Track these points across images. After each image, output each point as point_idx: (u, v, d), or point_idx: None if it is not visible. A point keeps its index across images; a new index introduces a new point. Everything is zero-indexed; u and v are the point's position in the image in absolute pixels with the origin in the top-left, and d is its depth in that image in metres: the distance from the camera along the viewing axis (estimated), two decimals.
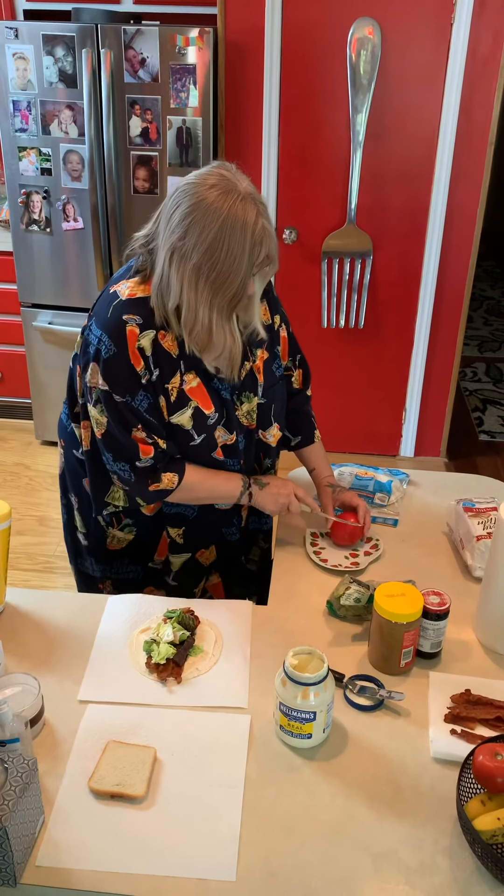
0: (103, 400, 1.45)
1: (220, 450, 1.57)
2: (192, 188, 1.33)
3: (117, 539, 1.68)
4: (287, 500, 1.63)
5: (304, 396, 1.80)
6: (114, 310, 1.43)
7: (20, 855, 1.04)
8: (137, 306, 1.42)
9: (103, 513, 1.64)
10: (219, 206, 1.30)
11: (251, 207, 1.32)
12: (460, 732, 1.24)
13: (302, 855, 1.08)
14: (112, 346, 1.42)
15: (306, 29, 2.94)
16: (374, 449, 3.68)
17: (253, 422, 1.62)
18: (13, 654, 1.39)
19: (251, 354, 1.57)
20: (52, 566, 2.96)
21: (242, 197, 1.32)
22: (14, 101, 3.05)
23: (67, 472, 1.71)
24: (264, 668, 1.37)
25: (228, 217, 1.30)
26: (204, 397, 1.51)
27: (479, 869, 1.06)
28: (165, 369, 1.46)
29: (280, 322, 1.67)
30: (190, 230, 1.32)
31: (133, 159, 3.08)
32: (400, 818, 1.13)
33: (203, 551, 1.71)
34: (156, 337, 1.43)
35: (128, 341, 1.41)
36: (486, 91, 2.95)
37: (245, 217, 1.31)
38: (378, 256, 3.25)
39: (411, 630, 1.33)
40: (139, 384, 1.44)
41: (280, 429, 1.69)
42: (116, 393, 1.44)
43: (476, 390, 4.43)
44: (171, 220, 1.34)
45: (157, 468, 1.52)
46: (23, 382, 3.71)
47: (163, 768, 1.18)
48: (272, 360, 1.63)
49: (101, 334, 1.43)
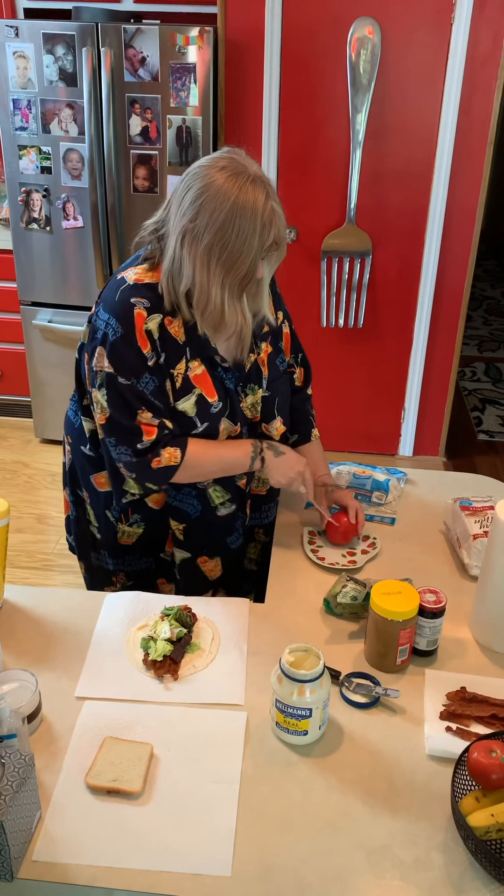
0: (107, 383, 1.46)
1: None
2: (202, 171, 1.35)
3: (127, 534, 1.68)
4: (297, 475, 1.61)
5: (304, 395, 1.81)
6: (121, 293, 1.44)
7: (17, 850, 1.04)
8: (145, 290, 1.44)
9: (122, 501, 1.62)
10: (229, 187, 1.33)
11: (261, 189, 1.35)
12: (455, 730, 1.25)
13: (297, 850, 1.08)
14: (119, 329, 1.43)
15: (306, 28, 2.94)
16: (373, 448, 3.69)
17: (257, 414, 1.62)
18: (11, 650, 1.40)
19: (256, 347, 1.59)
20: (51, 564, 2.97)
21: (252, 179, 1.34)
22: (14, 99, 3.06)
23: (76, 467, 1.71)
24: (261, 666, 1.38)
25: (239, 198, 1.32)
26: (208, 385, 1.52)
27: (473, 865, 1.07)
28: (172, 355, 1.47)
29: (283, 318, 1.69)
30: (201, 212, 1.34)
31: (133, 158, 3.09)
32: (395, 814, 1.13)
33: (206, 559, 1.71)
34: (162, 322, 1.45)
35: (135, 323, 1.43)
36: (486, 90, 2.95)
37: (255, 198, 1.33)
38: (377, 256, 3.26)
39: (407, 628, 1.33)
40: (145, 366, 1.45)
41: (283, 423, 1.69)
42: (121, 375, 1.45)
43: (475, 390, 4.44)
44: (182, 203, 1.37)
45: (159, 444, 1.50)
46: (22, 380, 3.72)
47: (159, 764, 1.19)
48: (276, 354, 1.65)
49: (108, 318, 1.45)
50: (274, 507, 1.81)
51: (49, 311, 3.44)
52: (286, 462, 1.61)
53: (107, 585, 1.78)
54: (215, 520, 1.67)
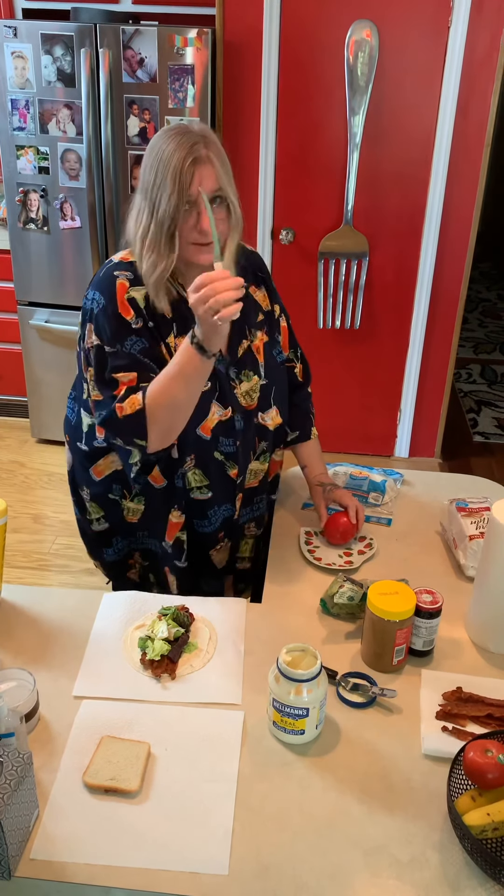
0: (94, 356, 1.49)
1: (208, 425, 1.55)
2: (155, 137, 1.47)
3: (131, 511, 1.68)
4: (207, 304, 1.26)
5: (305, 393, 1.82)
6: (106, 270, 1.51)
7: (15, 848, 1.05)
8: (129, 266, 1.50)
9: (132, 475, 1.57)
10: (161, 139, 1.43)
11: (188, 138, 1.40)
12: (451, 729, 1.26)
13: (294, 849, 1.09)
14: (102, 300, 1.48)
15: (304, 30, 2.95)
16: (369, 449, 3.70)
17: (253, 402, 1.62)
18: (8, 649, 1.40)
19: (249, 333, 1.60)
20: (47, 564, 2.97)
21: (188, 130, 1.42)
22: (12, 99, 3.06)
23: (76, 467, 1.72)
24: (258, 665, 1.38)
25: (167, 143, 1.40)
26: None
27: (469, 863, 1.07)
28: (162, 326, 1.50)
29: (280, 312, 1.71)
30: (143, 167, 1.45)
31: (131, 159, 3.09)
32: (391, 813, 1.14)
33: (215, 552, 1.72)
34: (147, 295, 1.48)
35: (116, 292, 1.47)
36: (483, 93, 2.96)
37: (179, 144, 1.39)
38: (374, 257, 3.27)
39: (404, 628, 1.34)
40: (129, 330, 1.47)
41: (279, 414, 1.69)
42: (107, 345, 1.47)
43: (471, 391, 4.45)
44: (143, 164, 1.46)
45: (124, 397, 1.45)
46: (19, 380, 3.72)
47: (157, 763, 1.20)
48: (272, 344, 1.66)
49: (93, 293, 1.50)
50: (265, 500, 1.78)
51: (46, 312, 3.44)
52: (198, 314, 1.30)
53: (128, 570, 1.78)
54: (191, 502, 1.63)
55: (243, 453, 1.64)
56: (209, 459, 1.60)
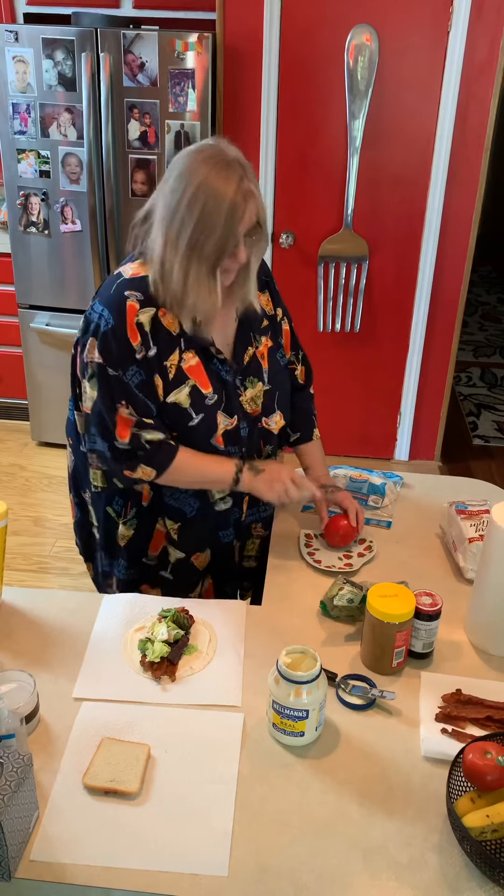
0: (97, 373, 1.48)
1: (220, 436, 1.58)
2: (183, 157, 1.41)
3: (121, 535, 1.69)
4: (283, 486, 1.59)
5: (306, 394, 1.82)
6: (116, 287, 1.47)
7: (14, 849, 1.05)
8: (139, 284, 1.47)
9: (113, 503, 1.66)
10: (203, 168, 1.37)
11: (235, 170, 1.38)
12: (451, 731, 1.26)
13: (293, 851, 1.09)
14: (111, 319, 1.46)
15: (304, 35, 2.96)
16: (369, 452, 3.70)
17: (258, 408, 1.63)
18: (9, 651, 1.41)
19: (255, 340, 1.60)
20: (47, 567, 2.97)
21: (227, 161, 1.38)
22: (13, 103, 3.07)
23: (79, 468, 1.72)
24: (258, 667, 1.38)
25: (209, 176, 1.36)
26: (202, 377, 1.53)
27: (468, 865, 1.08)
28: (164, 347, 1.49)
29: (283, 315, 1.71)
30: (174, 193, 1.38)
31: (131, 163, 3.10)
32: (390, 815, 1.14)
33: (198, 555, 1.72)
34: (156, 314, 1.47)
35: (126, 315, 1.45)
36: (482, 97, 2.97)
37: (227, 176, 1.37)
38: (374, 261, 3.27)
39: (403, 630, 1.34)
40: (133, 359, 1.47)
41: (283, 417, 1.70)
42: (110, 366, 1.47)
43: (470, 395, 4.46)
44: (164, 187, 1.42)
45: (138, 455, 1.51)
46: (20, 383, 3.72)
47: (156, 765, 1.20)
48: (276, 349, 1.67)
49: (101, 309, 1.47)
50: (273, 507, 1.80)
51: (47, 315, 3.45)
52: (266, 477, 1.59)
53: (109, 588, 1.79)
54: (211, 514, 1.67)
55: (248, 458, 1.66)
56: None
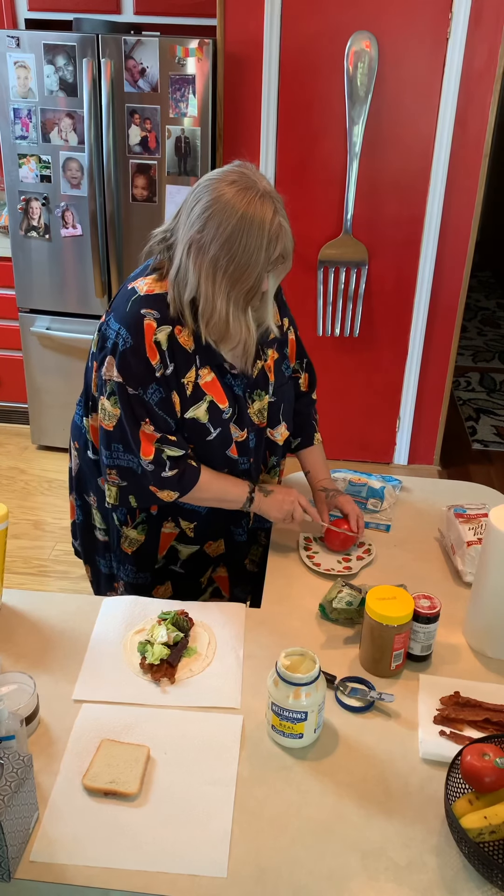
0: (118, 392, 1.49)
1: (234, 447, 1.60)
2: (212, 184, 1.38)
3: (129, 540, 1.70)
4: (291, 507, 1.65)
5: (308, 399, 1.83)
6: (132, 305, 1.47)
7: (14, 850, 1.05)
8: (155, 302, 1.46)
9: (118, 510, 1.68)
10: (237, 201, 1.35)
11: (269, 204, 1.36)
12: (449, 734, 1.26)
13: (292, 852, 1.09)
14: (129, 339, 1.46)
15: (304, 41, 2.98)
16: (368, 457, 3.71)
17: (264, 420, 1.65)
18: (9, 653, 1.41)
19: (263, 353, 1.61)
20: (47, 570, 2.98)
21: (261, 194, 1.36)
22: (15, 108, 3.08)
23: (84, 472, 1.73)
24: (257, 670, 1.39)
25: (247, 212, 1.34)
26: (218, 392, 1.54)
27: (466, 867, 1.08)
28: (181, 364, 1.49)
29: (288, 325, 1.72)
30: (209, 224, 1.36)
31: (132, 168, 3.11)
32: (389, 817, 1.15)
33: (211, 543, 1.74)
34: (172, 332, 1.47)
35: (145, 334, 1.45)
36: (481, 104, 2.99)
37: (263, 213, 1.35)
38: (373, 266, 3.29)
39: (402, 633, 1.35)
40: (153, 377, 1.47)
41: (287, 428, 1.72)
42: (130, 385, 1.47)
43: (469, 399, 4.47)
44: (191, 214, 1.39)
45: (163, 478, 1.53)
46: (20, 387, 3.73)
47: (156, 767, 1.20)
48: (282, 360, 1.67)
49: (118, 328, 1.47)
50: None
51: (47, 319, 3.46)
52: (276, 498, 1.64)
53: (110, 591, 1.79)
54: (223, 512, 1.69)
55: (255, 468, 1.69)
56: (237, 475, 1.65)
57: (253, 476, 1.69)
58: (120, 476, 1.56)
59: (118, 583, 1.77)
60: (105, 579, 1.80)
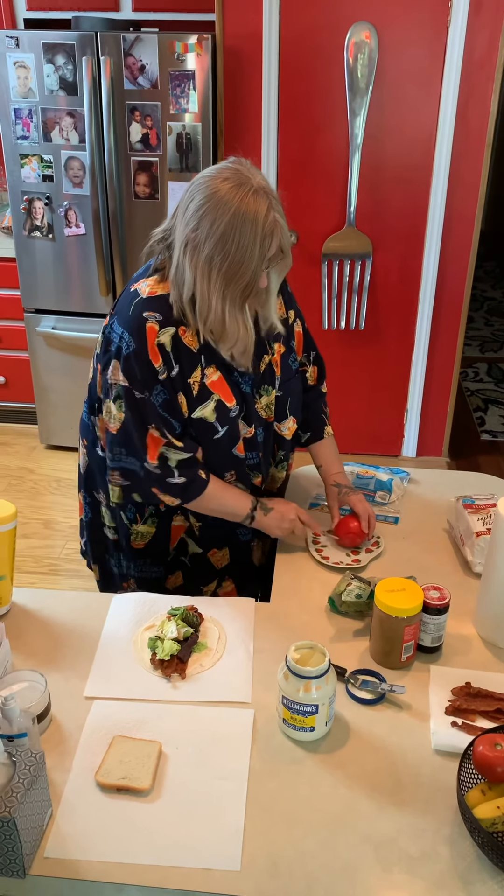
0: (123, 395, 1.49)
1: (241, 444, 1.60)
2: (206, 181, 1.37)
3: (140, 535, 1.70)
4: (291, 524, 1.65)
5: (317, 392, 1.82)
6: (135, 307, 1.47)
7: (29, 847, 1.06)
8: (157, 303, 1.46)
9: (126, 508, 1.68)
10: (230, 197, 1.34)
11: (262, 200, 1.36)
12: (461, 724, 1.26)
13: (305, 845, 1.10)
14: (132, 343, 1.46)
15: (304, 34, 2.97)
16: (377, 449, 3.70)
17: (271, 415, 1.65)
18: (20, 652, 1.42)
19: (269, 348, 1.61)
20: (58, 568, 2.99)
21: (255, 190, 1.35)
22: (15, 108, 3.09)
23: (93, 469, 1.73)
24: (267, 664, 1.39)
25: (239, 209, 1.34)
26: (225, 390, 1.54)
27: (480, 857, 1.08)
28: (186, 364, 1.49)
29: (295, 317, 1.71)
30: (202, 221, 1.36)
31: (133, 165, 3.11)
32: (401, 808, 1.15)
33: (215, 551, 1.73)
34: (176, 333, 1.47)
35: (147, 338, 1.45)
36: (483, 93, 2.97)
37: (256, 209, 1.34)
38: (378, 258, 3.27)
39: (412, 624, 1.35)
40: (156, 380, 1.48)
41: (295, 422, 1.71)
42: (135, 389, 1.48)
43: (477, 390, 4.45)
44: (186, 212, 1.39)
45: (168, 483, 1.54)
46: (27, 387, 3.74)
47: (168, 762, 1.20)
48: (288, 354, 1.67)
49: (122, 332, 1.47)
50: None
51: (52, 318, 3.47)
52: (275, 515, 1.64)
53: (118, 590, 1.80)
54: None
55: (264, 463, 1.69)
56: (244, 472, 1.65)
57: (263, 471, 1.69)
58: (123, 477, 1.57)
59: (127, 582, 1.78)
60: (112, 579, 1.80)
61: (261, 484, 1.71)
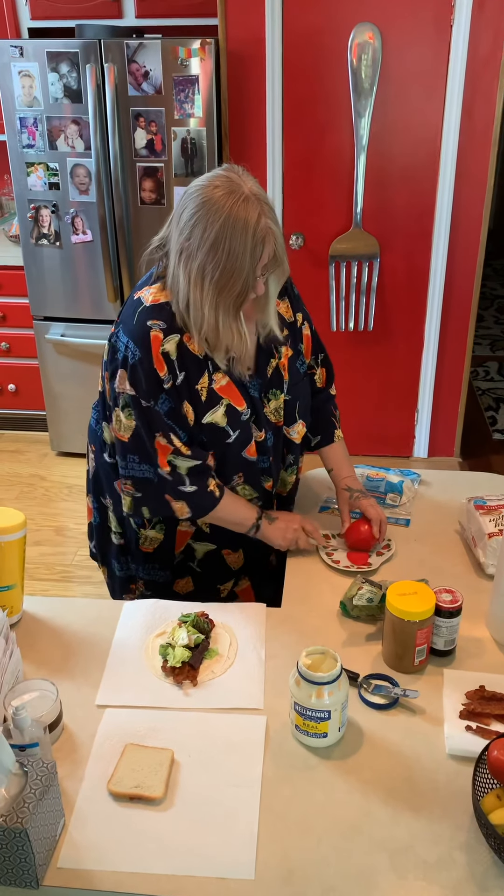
0: (132, 404, 1.49)
1: (253, 446, 1.59)
2: (198, 190, 1.37)
3: (149, 540, 1.70)
4: (295, 535, 1.64)
5: (326, 395, 1.81)
6: (139, 316, 1.47)
7: (42, 857, 1.05)
8: (161, 311, 1.46)
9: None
10: (221, 205, 1.34)
11: (254, 207, 1.35)
12: (475, 728, 1.25)
13: (319, 852, 1.09)
14: (137, 352, 1.46)
15: (307, 36, 2.96)
16: (388, 451, 3.68)
17: (280, 419, 1.65)
18: (31, 660, 1.42)
19: (276, 352, 1.60)
20: (70, 575, 2.99)
21: (246, 197, 1.35)
22: (21, 117, 3.10)
23: (101, 474, 1.73)
24: (279, 669, 1.38)
25: (230, 216, 1.33)
26: (235, 394, 1.54)
27: (497, 863, 1.07)
28: (193, 371, 1.49)
29: (303, 320, 1.70)
30: (195, 230, 1.36)
31: (139, 171, 3.12)
32: (416, 814, 1.14)
33: (230, 552, 1.73)
34: (181, 340, 1.47)
35: (151, 347, 1.45)
36: (488, 91, 2.95)
37: (247, 216, 1.34)
38: (385, 259, 3.26)
39: (424, 628, 1.33)
40: (161, 389, 1.48)
41: (304, 425, 1.71)
42: (142, 398, 1.48)
43: (489, 389, 4.42)
44: (180, 221, 1.39)
45: (181, 492, 1.53)
46: (37, 395, 3.75)
47: (180, 770, 1.20)
48: (296, 357, 1.66)
49: (127, 341, 1.48)
50: (292, 509, 1.82)
51: (61, 326, 3.48)
52: (279, 525, 1.64)
53: (126, 592, 1.80)
54: None
55: (275, 466, 1.68)
56: (254, 475, 1.65)
57: (274, 475, 1.68)
58: (135, 487, 1.56)
59: (135, 584, 1.78)
60: (120, 581, 1.80)
61: (271, 488, 1.70)
